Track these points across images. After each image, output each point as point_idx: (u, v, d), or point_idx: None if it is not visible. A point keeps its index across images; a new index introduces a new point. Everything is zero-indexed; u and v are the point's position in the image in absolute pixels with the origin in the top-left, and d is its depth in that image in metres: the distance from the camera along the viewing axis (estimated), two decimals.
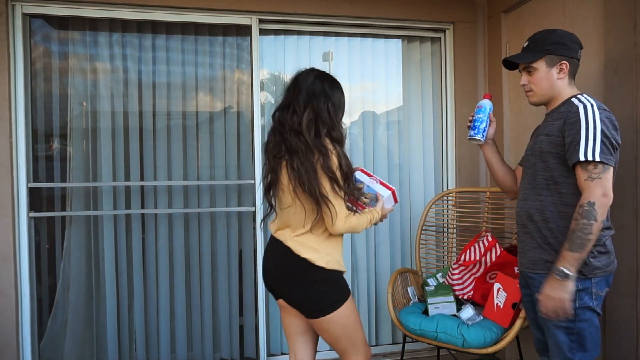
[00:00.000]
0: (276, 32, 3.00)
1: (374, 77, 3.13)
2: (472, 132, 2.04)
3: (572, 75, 1.80)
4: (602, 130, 1.61)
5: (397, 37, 3.16)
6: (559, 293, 1.62)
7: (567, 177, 1.71)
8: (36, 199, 2.74)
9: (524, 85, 1.86)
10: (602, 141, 1.60)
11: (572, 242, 1.60)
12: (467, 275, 2.53)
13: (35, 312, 2.69)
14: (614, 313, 2.12)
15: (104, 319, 2.82)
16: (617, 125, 1.66)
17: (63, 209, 2.80)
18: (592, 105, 1.66)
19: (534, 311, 1.89)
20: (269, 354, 2.97)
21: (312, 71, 1.88)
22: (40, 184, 2.75)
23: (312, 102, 1.79)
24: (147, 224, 2.88)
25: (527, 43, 1.84)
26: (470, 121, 2.08)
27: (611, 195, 1.61)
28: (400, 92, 3.19)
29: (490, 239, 2.48)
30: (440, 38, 3.17)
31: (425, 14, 3.05)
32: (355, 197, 1.90)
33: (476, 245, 2.52)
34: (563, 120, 1.70)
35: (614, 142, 1.63)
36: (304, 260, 1.78)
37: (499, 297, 2.28)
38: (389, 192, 1.95)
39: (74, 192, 2.80)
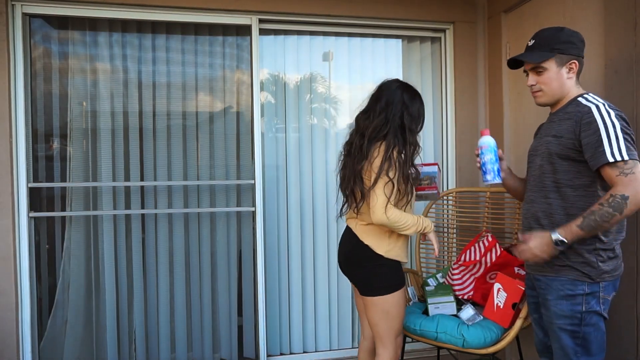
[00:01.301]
0: (276, 32, 3.00)
1: (374, 77, 3.12)
2: (488, 178, 1.89)
3: (578, 74, 1.76)
4: (621, 128, 1.57)
5: (397, 37, 3.16)
6: (544, 254, 1.65)
7: (577, 180, 1.67)
8: (36, 199, 2.74)
9: (532, 85, 1.78)
10: (624, 138, 1.56)
11: (585, 222, 1.57)
12: (467, 276, 2.53)
13: (35, 312, 2.69)
14: (613, 313, 2.10)
15: (103, 319, 2.82)
16: (628, 121, 1.63)
17: (63, 209, 2.80)
18: (604, 105, 1.62)
19: (537, 312, 1.88)
20: (269, 355, 2.97)
21: (396, 82, 2.05)
22: (40, 184, 2.75)
23: (388, 110, 1.97)
24: (147, 224, 2.88)
25: (532, 41, 1.77)
26: (479, 162, 1.93)
27: None
28: None
29: (490, 239, 2.48)
30: (440, 38, 3.17)
31: (425, 14, 3.04)
32: (414, 184, 2.08)
33: (476, 245, 2.52)
34: (574, 121, 1.64)
35: (633, 137, 1.60)
36: (366, 246, 2.01)
37: (499, 297, 2.28)
38: (435, 167, 2.26)
39: (73, 192, 2.80)
